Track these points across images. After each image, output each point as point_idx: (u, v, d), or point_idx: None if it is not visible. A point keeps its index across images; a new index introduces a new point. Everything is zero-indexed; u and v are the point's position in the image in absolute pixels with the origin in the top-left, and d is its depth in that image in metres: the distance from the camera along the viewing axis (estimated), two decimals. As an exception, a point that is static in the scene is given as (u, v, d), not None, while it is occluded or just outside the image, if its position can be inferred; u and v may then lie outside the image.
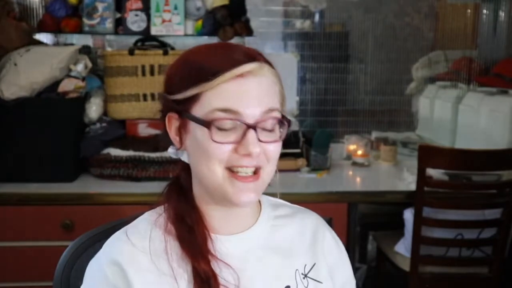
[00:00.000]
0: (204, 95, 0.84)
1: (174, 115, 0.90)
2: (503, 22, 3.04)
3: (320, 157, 2.49)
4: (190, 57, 0.89)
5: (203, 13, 2.52)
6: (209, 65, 0.85)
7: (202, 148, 0.85)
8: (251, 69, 0.84)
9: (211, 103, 0.84)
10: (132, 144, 2.29)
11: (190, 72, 0.86)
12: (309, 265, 0.95)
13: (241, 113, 0.83)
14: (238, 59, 0.84)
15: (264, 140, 0.85)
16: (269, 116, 0.85)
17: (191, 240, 0.87)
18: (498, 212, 2.17)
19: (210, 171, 0.85)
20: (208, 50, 0.90)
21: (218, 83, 0.83)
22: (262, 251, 0.92)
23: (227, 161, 0.84)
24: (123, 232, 0.89)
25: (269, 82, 0.87)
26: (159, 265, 0.86)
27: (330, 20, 3.30)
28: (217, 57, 0.86)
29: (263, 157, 0.86)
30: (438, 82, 3.27)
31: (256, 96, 0.84)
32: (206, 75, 0.84)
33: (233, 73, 0.83)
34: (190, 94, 0.85)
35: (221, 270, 0.87)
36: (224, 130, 0.84)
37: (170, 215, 0.90)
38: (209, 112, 0.84)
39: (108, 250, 0.88)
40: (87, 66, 2.32)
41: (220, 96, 0.83)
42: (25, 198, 2.11)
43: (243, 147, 0.83)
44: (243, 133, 0.83)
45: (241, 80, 0.84)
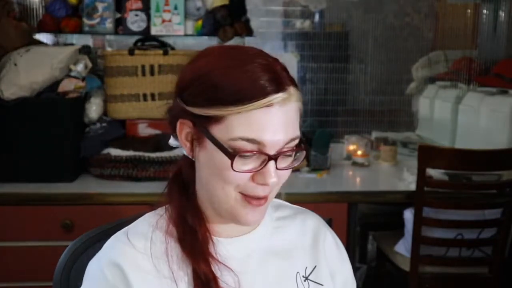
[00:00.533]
0: (228, 119, 0.80)
1: (187, 123, 0.86)
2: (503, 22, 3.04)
3: (320, 157, 2.49)
4: (208, 69, 0.83)
5: (203, 13, 2.53)
6: (234, 87, 0.80)
7: (219, 171, 0.83)
8: (280, 100, 0.81)
9: (235, 130, 0.80)
10: (132, 144, 2.29)
11: (210, 89, 0.82)
12: (310, 268, 0.95)
13: (266, 145, 0.81)
14: (265, 86, 0.80)
15: (281, 168, 0.83)
16: (290, 145, 0.84)
17: (192, 242, 0.86)
18: (498, 212, 2.17)
19: (224, 193, 0.84)
20: (228, 62, 0.84)
21: (247, 110, 0.80)
22: (263, 254, 0.92)
23: (243, 187, 0.83)
24: (124, 234, 0.88)
25: (294, 110, 0.85)
26: (159, 267, 0.85)
27: (330, 20, 3.29)
28: (241, 78, 0.81)
29: (275, 184, 0.85)
30: (438, 82, 3.27)
31: (281, 127, 0.82)
32: (231, 99, 0.80)
33: (262, 104, 0.80)
34: (211, 113, 0.81)
35: (222, 273, 0.86)
36: (245, 159, 0.82)
37: (172, 216, 0.89)
38: (233, 139, 0.80)
39: (108, 251, 0.88)
40: (87, 66, 2.32)
41: (245, 124, 0.80)
42: (25, 198, 2.11)
43: (261, 177, 0.82)
44: (263, 163, 0.82)
45: (268, 110, 0.80)
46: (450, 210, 2.15)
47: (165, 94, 2.34)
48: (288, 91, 0.82)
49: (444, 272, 2.25)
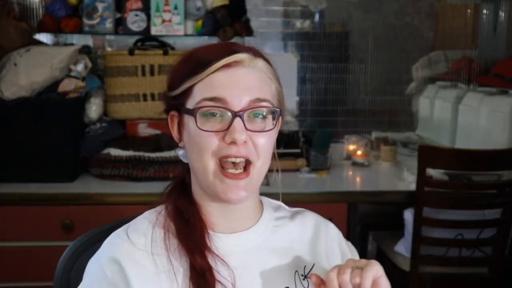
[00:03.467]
0: (196, 87, 0.86)
1: (174, 113, 0.92)
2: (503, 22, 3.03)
3: (320, 157, 2.49)
4: (188, 54, 0.91)
5: (203, 13, 2.52)
6: (203, 58, 0.86)
7: (193, 140, 0.87)
8: (240, 59, 0.85)
9: (200, 94, 0.86)
10: (132, 144, 2.29)
11: (186, 67, 0.88)
12: (309, 266, 0.95)
13: (228, 101, 0.84)
14: (230, 50, 0.86)
15: (251, 128, 0.85)
16: (258, 105, 0.86)
17: (188, 234, 0.88)
18: (498, 212, 2.17)
19: (202, 164, 0.86)
20: (208, 46, 0.92)
21: (207, 74, 0.85)
22: (262, 251, 0.93)
23: (217, 152, 0.85)
24: (123, 231, 0.89)
25: (260, 75, 0.88)
26: (158, 263, 0.86)
27: (330, 20, 3.30)
28: (211, 51, 0.88)
29: (252, 149, 0.86)
30: (438, 82, 3.27)
31: (243, 85, 0.85)
32: (196, 68, 0.86)
33: (221, 63, 0.85)
34: (183, 88, 0.87)
35: (218, 267, 0.87)
36: (212, 120, 0.85)
37: (170, 211, 0.91)
38: (198, 102, 0.85)
39: (107, 248, 0.88)
40: (87, 66, 2.32)
41: (208, 86, 0.85)
42: (25, 198, 2.11)
43: (229, 135, 0.84)
44: (230, 122, 0.84)
45: (230, 70, 0.85)
46: (450, 210, 2.15)
47: (165, 94, 2.33)
48: (252, 56, 0.86)
49: (444, 272, 2.26)
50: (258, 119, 0.86)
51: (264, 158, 0.88)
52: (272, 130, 0.88)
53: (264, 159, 0.88)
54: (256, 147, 0.86)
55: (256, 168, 0.87)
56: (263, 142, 0.87)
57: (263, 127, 0.86)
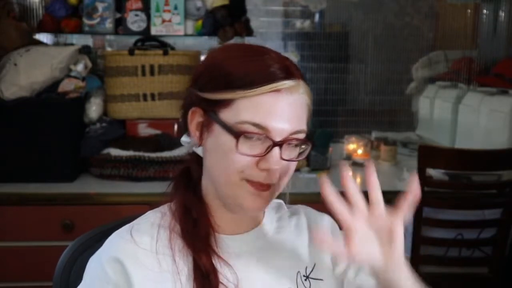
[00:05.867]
0: (236, 102, 0.83)
1: (198, 111, 0.88)
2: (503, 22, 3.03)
3: (320, 157, 2.49)
4: (222, 58, 0.87)
5: (203, 13, 2.53)
6: (244, 72, 0.83)
7: (223, 154, 0.84)
8: (289, 86, 0.83)
9: (242, 114, 0.82)
10: (132, 144, 2.29)
11: (222, 74, 0.84)
12: (310, 267, 0.95)
13: (270, 129, 0.82)
14: (275, 73, 0.83)
15: (286, 158, 0.84)
16: (296, 137, 0.85)
17: (194, 234, 0.87)
18: (498, 212, 2.17)
19: (227, 177, 0.85)
20: (241, 53, 0.87)
21: (254, 95, 0.82)
22: (264, 253, 0.93)
23: (246, 173, 0.84)
24: (126, 230, 0.89)
25: (302, 102, 0.86)
26: (162, 263, 0.86)
27: (330, 20, 3.30)
28: (252, 65, 0.84)
29: (278, 174, 0.85)
30: (438, 82, 3.27)
31: (288, 115, 0.83)
32: (241, 83, 0.82)
33: (270, 88, 0.82)
34: (222, 97, 0.83)
35: (222, 268, 0.87)
36: (250, 142, 0.83)
37: (176, 208, 0.90)
38: (239, 123, 0.82)
39: (109, 247, 0.88)
40: (87, 66, 2.32)
41: (252, 108, 0.82)
42: (25, 198, 2.11)
43: (265, 162, 0.83)
44: (268, 149, 0.83)
45: (276, 95, 0.82)
46: (450, 210, 2.15)
47: (165, 94, 2.34)
48: (297, 81, 0.85)
49: (444, 272, 2.25)
50: (292, 147, 0.86)
51: (286, 179, 0.88)
52: None
53: (286, 180, 0.88)
54: (283, 170, 0.86)
55: (279, 186, 0.87)
56: (291, 167, 0.87)
57: (294, 156, 0.86)
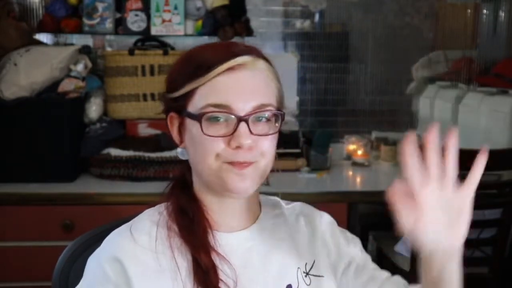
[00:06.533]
0: (198, 90, 0.85)
1: (174, 115, 0.91)
2: (503, 22, 3.04)
3: (320, 157, 2.49)
4: (189, 55, 0.91)
5: (203, 13, 2.52)
6: (204, 60, 0.86)
7: (198, 144, 0.86)
8: (243, 61, 0.85)
9: (204, 98, 0.85)
10: (132, 144, 2.29)
11: (187, 68, 0.87)
12: (310, 263, 0.95)
13: (232, 107, 0.84)
14: (232, 52, 0.85)
15: (256, 133, 0.85)
16: (262, 110, 0.85)
17: (192, 232, 0.88)
18: (498, 212, 2.17)
19: (207, 165, 0.86)
20: (208, 46, 0.91)
21: (210, 78, 0.84)
22: (263, 250, 0.93)
23: (222, 156, 0.85)
24: (126, 229, 0.89)
25: (263, 77, 0.87)
26: (162, 261, 0.86)
27: (330, 20, 3.30)
28: (213, 52, 0.87)
29: (257, 152, 0.86)
30: (438, 82, 3.27)
31: (248, 89, 0.85)
32: (198, 70, 0.85)
33: (224, 67, 0.84)
34: (185, 90, 0.86)
35: (221, 265, 0.87)
36: (217, 125, 0.84)
37: (172, 210, 0.91)
38: (202, 108, 0.85)
39: (109, 246, 0.89)
40: (87, 66, 2.32)
41: (212, 91, 0.84)
42: (25, 198, 2.11)
43: (234, 140, 0.84)
44: (235, 126, 0.84)
45: (233, 74, 0.84)
46: (450, 210, 2.15)
47: (165, 94, 2.33)
48: (254, 57, 0.86)
49: (444, 272, 2.25)
50: (262, 122, 0.86)
51: (268, 159, 0.88)
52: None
53: (268, 160, 0.88)
54: (261, 150, 0.86)
55: (261, 164, 0.87)
56: (267, 145, 0.87)
57: (267, 131, 0.86)
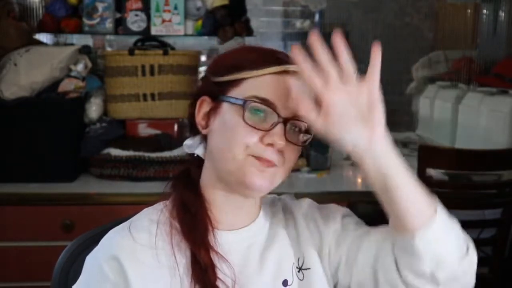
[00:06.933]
0: (246, 82, 0.87)
1: (207, 99, 0.91)
2: (503, 22, 3.04)
3: (320, 157, 2.49)
4: (235, 48, 0.95)
5: (203, 13, 2.52)
6: (253, 55, 0.89)
7: (230, 129, 0.86)
8: (295, 69, 0.85)
9: (251, 90, 0.86)
10: (132, 144, 2.29)
11: (236, 60, 0.90)
12: (302, 258, 0.96)
13: (277, 105, 0.85)
14: (282, 58, 0.88)
15: (289, 139, 0.86)
16: (301, 119, 0.85)
17: (193, 229, 0.88)
18: (498, 212, 2.17)
19: (232, 153, 0.85)
20: (257, 47, 0.94)
21: (262, 74, 0.86)
22: (262, 247, 0.93)
23: (251, 149, 0.85)
24: (124, 228, 0.89)
25: (305, 88, 0.85)
26: (159, 257, 0.86)
27: (330, 20, 3.30)
28: (260, 52, 0.90)
29: (282, 158, 0.86)
30: (438, 82, 3.27)
31: (293, 95, 0.86)
32: (249, 65, 0.87)
33: (277, 68, 0.86)
34: (232, 78, 0.88)
35: (219, 263, 0.87)
36: (257, 117, 0.85)
37: (174, 206, 0.91)
38: (247, 97, 0.86)
39: (107, 245, 0.89)
40: (87, 66, 2.32)
41: (261, 85, 0.86)
42: (25, 198, 2.10)
43: (269, 137, 0.84)
44: (274, 124, 0.85)
45: (283, 76, 0.87)
46: (450, 210, 2.14)
47: (165, 94, 2.33)
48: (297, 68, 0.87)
49: (444, 272, 2.25)
50: (295, 132, 0.87)
51: (286, 170, 0.89)
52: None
53: (286, 171, 0.89)
54: (286, 158, 0.87)
55: (280, 171, 0.87)
56: (293, 156, 0.88)
57: (297, 141, 0.87)
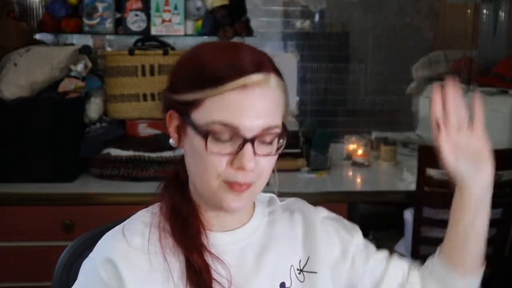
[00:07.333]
0: (206, 102, 0.81)
1: (174, 114, 0.87)
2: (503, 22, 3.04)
3: (320, 157, 2.49)
4: (195, 57, 0.87)
5: (203, 13, 2.53)
6: (213, 69, 0.81)
7: (199, 157, 0.84)
8: (257, 81, 0.81)
9: (211, 113, 0.81)
10: (132, 144, 2.29)
11: (193, 73, 0.84)
12: (304, 260, 0.95)
13: (240, 127, 0.81)
14: (244, 67, 0.81)
15: (259, 153, 0.83)
16: (269, 132, 0.83)
17: (185, 232, 0.87)
18: (498, 212, 2.17)
19: (206, 181, 0.85)
20: (213, 50, 0.87)
21: (222, 92, 0.80)
22: (257, 248, 0.93)
23: (223, 175, 0.83)
24: (118, 231, 0.89)
25: (274, 95, 0.84)
26: (154, 262, 0.86)
27: (330, 20, 3.30)
28: (222, 61, 0.82)
29: (256, 173, 0.84)
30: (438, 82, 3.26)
31: (258, 111, 0.81)
32: (208, 81, 0.81)
33: (237, 84, 0.80)
34: (191, 98, 0.83)
35: (215, 266, 0.87)
36: (221, 141, 0.82)
37: (166, 208, 0.90)
38: (209, 123, 0.81)
39: (102, 248, 0.89)
40: (87, 66, 2.32)
41: (220, 106, 0.81)
42: (25, 198, 2.11)
43: (238, 160, 0.82)
44: (240, 146, 0.81)
45: (245, 91, 0.81)
46: (450, 210, 2.15)
47: (165, 94, 2.33)
48: (267, 75, 0.83)
49: (444, 272, 2.25)
50: (266, 143, 0.84)
51: (264, 179, 0.88)
52: None
53: (264, 180, 0.88)
54: (259, 168, 0.85)
55: (257, 185, 0.87)
56: (267, 166, 0.86)
57: (270, 151, 0.85)
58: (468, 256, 0.96)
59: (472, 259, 0.96)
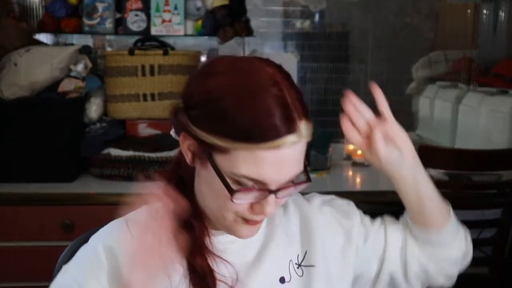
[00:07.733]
0: (233, 153, 0.77)
1: (191, 140, 0.83)
2: (503, 22, 3.04)
3: (320, 157, 2.49)
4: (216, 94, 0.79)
5: (203, 13, 2.53)
6: (240, 123, 0.76)
7: (218, 196, 0.82)
8: (291, 141, 0.78)
9: (239, 166, 0.78)
10: (132, 144, 2.29)
11: (215, 117, 0.78)
12: (302, 254, 0.96)
13: (267, 182, 0.79)
14: (277, 128, 0.76)
15: (280, 197, 0.83)
16: (292, 181, 0.83)
17: (188, 236, 0.87)
18: (498, 212, 2.17)
19: (221, 214, 0.85)
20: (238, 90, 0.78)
21: (250, 149, 0.77)
22: (258, 244, 0.93)
23: (240, 213, 0.84)
24: (123, 222, 0.89)
25: (302, 145, 0.81)
26: None
27: (330, 20, 3.30)
28: (249, 113, 0.76)
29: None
30: (438, 82, 3.27)
31: (286, 166, 0.80)
32: (236, 134, 0.76)
33: (270, 146, 0.76)
34: (215, 142, 0.78)
35: (218, 266, 0.87)
36: (246, 191, 0.80)
37: None
38: (236, 174, 0.79)
39: (105, 236, 0.89)
40: (87, 66, 2.32)
41: (250, 163, 0.77)
42: (25, 198, 2.10)
43: (259, 207, 0.81)
44: (264, 196, 0.81)
45: (276, 151, 0.77)
46: (450, 210, 2.15)
47: (165, 94, 2.33)
48: (299, 131, 0.79)
49: (444, 272, 2.25)
50: (287, 188, 0.83)
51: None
52: None
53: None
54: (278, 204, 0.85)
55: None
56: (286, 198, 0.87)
57: (291, 191, 0.84)
58: (430, 215, 1.07)
59: (436, 214, 1.08)
